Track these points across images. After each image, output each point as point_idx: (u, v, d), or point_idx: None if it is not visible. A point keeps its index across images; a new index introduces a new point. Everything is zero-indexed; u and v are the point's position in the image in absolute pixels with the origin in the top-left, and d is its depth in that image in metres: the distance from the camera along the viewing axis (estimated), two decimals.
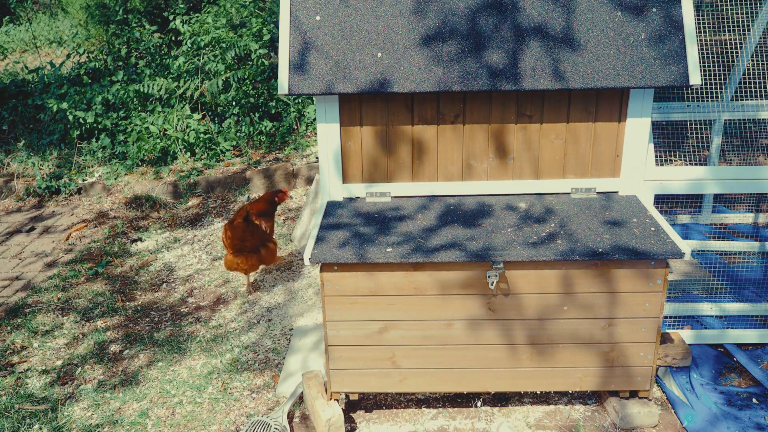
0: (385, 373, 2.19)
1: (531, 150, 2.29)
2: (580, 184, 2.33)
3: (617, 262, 2.02)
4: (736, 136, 3.53)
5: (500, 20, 2.12)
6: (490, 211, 2.24)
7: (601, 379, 2.20)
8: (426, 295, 2.08)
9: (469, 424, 2.31)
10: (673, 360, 2.45)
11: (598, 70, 2.08)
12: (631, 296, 2.07)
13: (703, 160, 3.31)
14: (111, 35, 5.69)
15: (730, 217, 3.47)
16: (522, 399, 2.43)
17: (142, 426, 2.39)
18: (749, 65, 3.01)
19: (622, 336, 2.13)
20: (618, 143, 2.27)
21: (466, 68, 2.10)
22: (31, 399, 2.56)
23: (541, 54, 2.10)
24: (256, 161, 4.69)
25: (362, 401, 2.43)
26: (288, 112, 5.11)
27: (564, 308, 2.09)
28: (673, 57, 2.09)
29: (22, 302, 3.28)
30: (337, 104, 2.23)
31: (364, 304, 2.10)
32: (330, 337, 2.14)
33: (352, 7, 2.14)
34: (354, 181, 2.34)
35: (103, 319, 3.10)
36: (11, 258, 3.80)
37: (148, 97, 5.02)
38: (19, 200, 4.65)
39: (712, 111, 3.12)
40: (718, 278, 2.88)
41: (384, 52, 2.12)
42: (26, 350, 2.89)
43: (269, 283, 3.35)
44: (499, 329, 2.13)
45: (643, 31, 2.10)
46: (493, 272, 2.02)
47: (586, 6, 2.11)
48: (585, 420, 2.31)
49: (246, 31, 5.11)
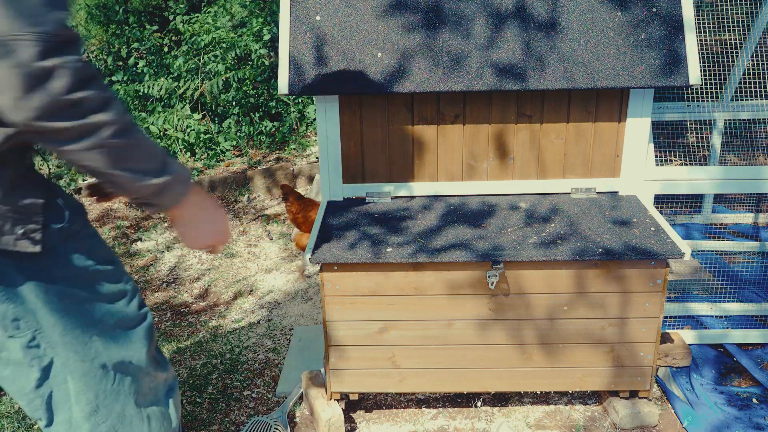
0: (385, 373, 2.20)
1: (531, 150, 2.29)
2: (580, 184, 2.33)
3: (617, 262, 2.02)
4: (736, 136, 3.53)
5: (500, 20, 2.12)
6: (490, 211, 2.24)
7: (602, 379, 2.20)
8: (426, 295, 2.08)
9: (469, 424, 2.31)
10: (673, 360, 2.45)
11: (598, 70, 2.08)
12: (631, 296, 2.07)
13: (703, 160, 3.31)
14: (111, 35, 5.68)
15: (730, 217, 3.47)
16: (522, 399, 2.43)
17: None
18: (749, 65, 3.01)
19: (622, 336, 2.13)
20: (618, 143, 2.27)
21: (466, 68, 2.10)
22: None
23: (542, 54, 2.10)
24: (257, 161, 4.69)
25: (362, 401, 2.43)
26: (288, 112, 5.12)
27: (564, 308, 2.09)
28: (673, 57, 2.09)
29: None
30: (337, 104, 2.23)
31: (364, 304, 2.10)
32: (330, 337, 2.14)
33: (353, 7, 2.14)
34: (354, 181, 2.34)
35: None
36: None
37: (148, 97, 5.02)
38: None
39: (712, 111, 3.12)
40: (718, 278, 2.88)
41: (384, 52, 2.12)
42: None
43: (269, 283, 3.35)
44: (498, 329, 2.13)
45: (643, 31, 2.10)
46: (493, 272, 2.02)
47: (586, 6, 2.11)
48: (585, 420, 2.31)
49: (246, 31, 5.11)
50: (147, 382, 1.60)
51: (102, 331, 1.47)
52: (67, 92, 1.07)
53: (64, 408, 1.51)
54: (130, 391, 1.55)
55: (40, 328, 1.38)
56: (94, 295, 1.45)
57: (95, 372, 1.49)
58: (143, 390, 1.59)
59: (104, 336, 1.48)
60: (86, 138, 1.12)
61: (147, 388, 1.61)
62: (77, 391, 1.49)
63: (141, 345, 1.56)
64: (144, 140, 1.23)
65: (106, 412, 1.53)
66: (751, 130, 3.19)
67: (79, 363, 1.46)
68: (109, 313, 1.48)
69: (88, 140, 1.12)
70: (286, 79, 2.13)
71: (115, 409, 1.54)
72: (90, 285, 1.44)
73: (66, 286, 1.39)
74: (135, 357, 1.55)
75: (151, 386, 1.62)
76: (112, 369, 1.51)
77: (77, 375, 1.47)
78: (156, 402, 1.64)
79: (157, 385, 1.65)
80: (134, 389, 1.57)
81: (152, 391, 1.63)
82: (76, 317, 1.42)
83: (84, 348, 1.45)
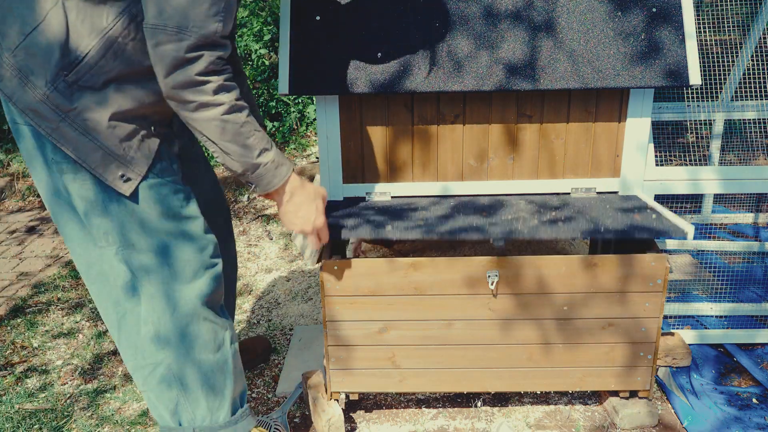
0: (385, 373, 2.20)
1: (531, 150, 2.29)
2: (580, 184, 2.33)
3: (617, 257, 2.02)
4: (736, 136, 3.53)
5: (499, 20, 2.12)
6: (492, 205, 2.25)
7: (601, 379, 2.20)
8: (426, 295, 2.08)
9: (469, 424, 2.31)
10: (673, 360, 2.45)
11: (598, 70, 2.08)
12: (631, 296, 2.07)
13: (703, 160, 3.31)
14: None
15: (730, 217, 3.47)
16: (522, 399, 2.43)
17: (142, 426, 2.39)
18: (749, 65, 3.01)
19: (622, 336, 2.13)
20: (618, 143, 2.27)
21: (466, 68, 2.10)
22: (31, 399, 2.56)
23: (542, 54, 2.10)
24: None
25: (362, 401, 2.43)
26: (288, 112, 5.12)
27: (564, 308, 2.09)
28: (673, 57, 2.09)
29: (22, 302, 3.28)
30: (337, 104, 2.23)
31: (364, 304, 2.10)
32: (330, 337, 2.14)
33: (353, 8, 2.14)
34: (354, 181, 2.34)
35: None
36: (11, 258, 3.80)
37: None
38: (20, 200, 4.65)
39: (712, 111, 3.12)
40: (718, 278, 2.88)
41: (384, 53, 2.12)
42: (26, 350, 2.90)
43: (269, 283, 3.35)
44: (498, 329, 2.13)
45: (643, 31, 2.10)
46: (493, 272, 2.02)
47: (587, 6, 2.11)
48: (585, 420, 2.31)
49: (246, 31, 5.11)
50: (204, 325, 1.84)
51: (175, 263, 1.76)
52: (198, 75, 1.50)
53: (133, 331, 1.81)
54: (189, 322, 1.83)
55: (124, 245, 1.71)
56: (178, 231, 1.75)
57: (164, 296, 1.78)
58: (201, 333, 1.84)
59: (176, 267, 1.77)
60: (206, 109, 1.54)
61: (205, 332, 1.85)
62: (146, 310, 1.79)
63: (205, 288, 1.82)
64: (251, 126, 1.61)
65: (169, 343, 1.82)
66: (751, 130, 3.19)
67: (151, 284, 1.76)
68: (184, 250, 1.77)
69: (207, 112, 1.54)
70: (286, 79, 2.13)
71: (173, 340, 1.82)
72: (176, 223, 1.75)
73: (155, 216, 1.72)
74: (196, 298, 1.81)
75: (209, 332, 1.86)
76: (178, 299, 1.80)
77: (147, 295, 1.77)
78: (213, 351, 1.88)
79: (216, 334, 1.88)
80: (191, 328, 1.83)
81: (211, 339, 1.87)
82: (155, 245, 1.73)
83: (160, 271, 1.75)
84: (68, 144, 1.60)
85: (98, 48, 1.55)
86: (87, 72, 1.56)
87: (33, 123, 1.59)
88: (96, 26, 1.55)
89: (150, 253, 1.73)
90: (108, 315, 1.82)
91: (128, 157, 1.64)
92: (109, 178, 1.63)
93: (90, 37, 1.55)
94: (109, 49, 1.56)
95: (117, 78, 1.59)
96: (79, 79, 1.56)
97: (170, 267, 1.75)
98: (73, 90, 1.56)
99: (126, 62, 1.59)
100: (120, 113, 1.61)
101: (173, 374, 1.84)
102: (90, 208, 1.67)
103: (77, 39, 1.54)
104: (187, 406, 1.88)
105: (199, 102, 1.53)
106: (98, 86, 1.58)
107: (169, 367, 1.83)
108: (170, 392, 1.86)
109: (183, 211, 1.76)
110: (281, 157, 1.71)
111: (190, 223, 1.78)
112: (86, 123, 1.59)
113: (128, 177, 1.65)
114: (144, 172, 1.67)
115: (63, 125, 1.58)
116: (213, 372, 1.88)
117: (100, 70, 1.57)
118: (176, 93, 1.52)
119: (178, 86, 1.51)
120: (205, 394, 1.88)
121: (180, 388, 1.86)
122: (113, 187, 1.64)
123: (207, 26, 1.48)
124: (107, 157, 1.62)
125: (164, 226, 1.73)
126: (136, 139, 1.65)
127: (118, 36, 1.56)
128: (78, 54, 1.55)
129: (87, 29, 1.55)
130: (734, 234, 3.43)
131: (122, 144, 1.63)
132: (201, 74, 1.50)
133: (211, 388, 1.88)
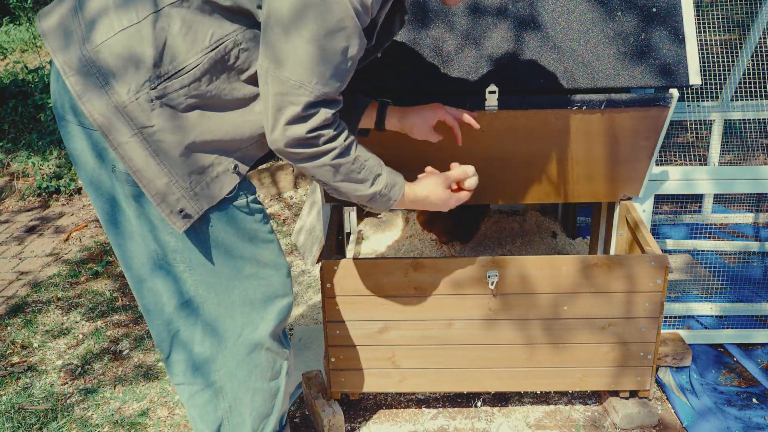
0: (385, 373, 2.20)
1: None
2: None
3: (617, 257, 2.02)
4: (736, 136, 3.53)
5: (498, 20, 2.12)
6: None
7: (602, 379, 2.20)
8: (425, 295, 2.08)
9: (469, 424, 2.31)
10: (673, 360, 2.45)
11: (598, 70, 2.08)
12: (631, 296, 2.07)
13: (703, 160, 3.31)
14: None
15: (730, 217, 3.47)
16: (522, 399, 2.43)
17: (142, 426, 2.39)
18: (749, 65, 3.01)
19: (622, 336, 2.13)
20: None
21: (465, 68, 2.10)
22: (31, 399, 2.56)
23: (542, 54, 2.10)
24: None
25: (362, 401, 2.43)
26: None
27: (564, 308, 2.09)
28: (673, 57, 2.09)
29: (22, 302, 3.28)
30: None
31: (364, 304, 2.10)
32: (330, 337, 2.14)
33: None
34: None
35: (104, 318, 3.10)
36: (11, 258, 3.81)
37: None
38: (20, 200, 4.65)
39: (711, 111, 3.12)
40: (718, 278, 2.88)
41: (383, 53, 2.12)
42: (26, 350, 2.90)
43: None
44: (498, 329, 2.13)
45: (643, 31, 2.10)
46: (493, 272, 2.03)
47: (587, 6, 2.11)
48: (585, 420, 2.31)
49: None
50: (264, 355, 1.73)
51: (245, 289, 1.65)
52: (309, 132, 1.41)
53: (186, 350, 1.70)
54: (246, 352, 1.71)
55: (191, 265, 1.59)
56: (251, 255, 1.64)
57: (227, 321, 1.66)
58: (260, 362, 1.73)
59: (244, 294, 1.66)
60: (315, 159, 1.47)
61: (264, 361, 1.74)
62: (203, 332, 1.67)
63: (272, 319, 1.71)
64: (361, 160, 1.54)
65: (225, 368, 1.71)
66: (751, 130, 3.20)
67: (215, 306, 1.64)
68: (256, 276, 1.66)
69: (317, 161, 1.48)
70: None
71: (230, 366, 1.71)
72: (251, 246, 1.63)
73: (228, 238, 1.60)
74: (262, 327, 1.70)
75: (268, 361, 1.75)
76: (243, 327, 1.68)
77: (209, 317, 1.66)
78: (269, 379, 1.78)
79: (275, 363, 1.77)
80: (252, 357, 1.72)
81: (269, 367, 1.77)
82: (227, 268, 1.61)
83: (226, 295, 1.64)
84: (133, 162, 1.44)
85: (195, 67, 1.42)
86: (176, 90, 1.42)
87: (99, 129, 1.42)
88: (198, 43, 1.42)
89: (218, 276, 1.60)
90: (159, 331, 1.69)
91: (194, 191, 1.49)
92: (165, 211, 1.48)
93: (189, 53, 1.41)
94: (207, 71, 1.43)
95: (206, 104, 1.46)
96: (165, 95, 1.42)
97: (239, 293, 1.64)
98: (154, 106, 1.41)
99: (220, 90, 1.46)
100: (199, 144, 1.47)
101: (223, 397, 1.74)
102: (159, 222, 1.54)
103: (174, 52, 1.41)
104: (229, 429, 1.79)
105: (309, 154, 1.45)
106: (182, 108, 1.44)
107: (221, 390, 1.72)
108: (216, 414, 1.76)
109: (259, 234, 1.63)
110: (393, 176, 1.62)
111: (265, 247, 1.65)
112: (160, 145, 1.44)
113: (187, 213, 1.49)
114: (204, 210, 1.52)
115: (134, 140, 1.42)
116: (264, 400, 1.78)
117: (190, 91, 1.43)
118: (285, 149, 1.43)
119: (290, 143, 1.42)
120: (252, 419, 1.78)
121: (227, 411, 1.76)
122: (168, 221, 1.50)
123: (331, 84, 1.39)
124: (171, 186, 1.46)
125: (238, 249, 1.60)
126: (210, 175, 1.50)
127: (220, 59, 1.44)
128: (171, 69, 1.41)
129: (188, 44, 1.41)
130: (734, 234, 3.43)
131: (191, 176, 1.48)
132: (313, 130, 1.41)
133: (258, 413, 1.78)
